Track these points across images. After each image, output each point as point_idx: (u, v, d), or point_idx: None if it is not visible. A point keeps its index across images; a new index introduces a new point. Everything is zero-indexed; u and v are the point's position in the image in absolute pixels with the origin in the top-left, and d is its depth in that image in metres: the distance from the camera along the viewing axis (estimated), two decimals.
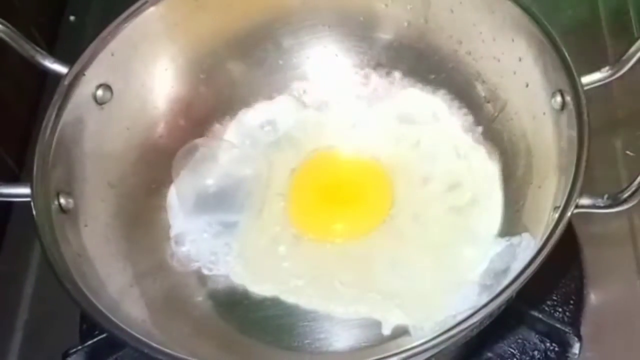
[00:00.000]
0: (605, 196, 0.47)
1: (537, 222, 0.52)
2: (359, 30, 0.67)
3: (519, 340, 0.58)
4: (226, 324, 0.58)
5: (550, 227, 0.47)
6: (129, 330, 0.47)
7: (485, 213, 0.59)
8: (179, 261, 0.60)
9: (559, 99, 0.53)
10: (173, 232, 0.62)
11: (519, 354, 0.57)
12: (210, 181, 0.63)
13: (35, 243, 0.64)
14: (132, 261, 0.58)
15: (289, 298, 0.58)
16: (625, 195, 0.47)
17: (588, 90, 0.51)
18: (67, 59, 0.58)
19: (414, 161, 0.63)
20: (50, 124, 0.55)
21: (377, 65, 0.67)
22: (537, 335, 0.58)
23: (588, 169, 0.47)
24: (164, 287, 0.58)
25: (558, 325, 0.56)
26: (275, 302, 0.59)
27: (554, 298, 0.59)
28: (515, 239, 0.55)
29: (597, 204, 0.47)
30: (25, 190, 0.53)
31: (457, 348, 0.49)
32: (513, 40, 0.58)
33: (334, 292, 0.58)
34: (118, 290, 0.54)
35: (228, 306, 0.59)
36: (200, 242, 0.61)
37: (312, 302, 0.58)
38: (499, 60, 0.60)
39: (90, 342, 0.59)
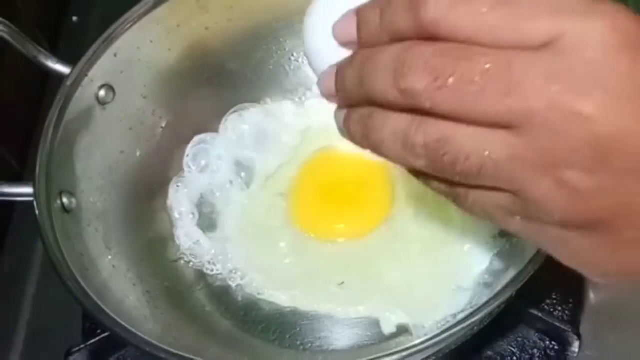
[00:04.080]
0: None
1: None
2: None
3: (519, 339, 0.58)
4: (228, 322, 0.58)
5: None
6: (131, 329, 0.48)
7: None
8: (182, 260, 0.61)
9: None
10: (175, 232, 0.62)
11: (518, 352, 0.58)
12: (214, 179, 0.64)
13: (38, 242, 0.65)
14: (135, 260, 0.58)
15: (288, 303, 0.59)
16: None
17: None
18: (70, 60, 0.58)
19: None
20: (53, 124, 0.55)
21: None
22: (536, 334, 0.58)
23: None
24: (166, 286, 0.58)
25: (557, 324, 0.57)
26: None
27: (554, 297, 0.59)
28: (515, 239, 0.55)
29: None
30: (28, 189, 0.53)
31: (458, 346, 0.49)
32: None
33: (332, 295, 0.58)
34: (121, 289, 0.54)
35: (230, 305, 0.59)
36: (203, 241, 0.61)
37: (311, 305, 0.58)
38: None
39: (92, 341, 0.59)
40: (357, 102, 0.35)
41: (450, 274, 0.57)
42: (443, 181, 0.34)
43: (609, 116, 0.29)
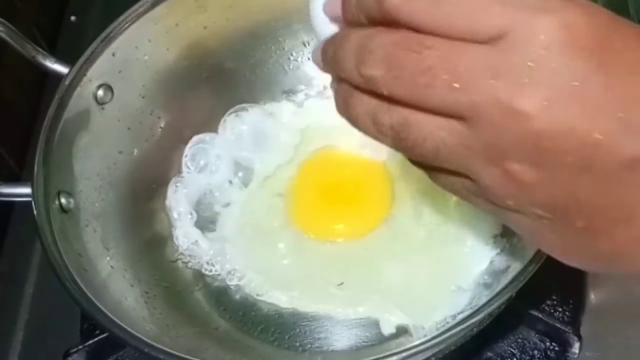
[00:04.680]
0: None
1: None
2: None
3: (519, 340, 0.58)
4: (227, 323, 0.58)
5: None
6: (129, 329, 0.48)
7: (486, 212, 0.59)
8: (180, 260, 0.61)
9: None
10: (174, 232, 0.62)
11: (519, 353, 0.58)
12: (212, 179, 0.64)
13: (36, 243, 0.65)
14: (133, 261, 0.58)
15: (287, 304, 0.58)
16: None
17: None
18: (68, 59, 0.58)
19: None
20: (51, 124, 0.55)
21: None
22: (537, 335, 0.58)
23: None
24: (164, 286, 0.58)
25: (558, 325, 0.56)
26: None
27: (554, 297, 0.59)
28: (515, 239, 0.55)
29: None
30: (26, 190, 0.53)
31: (457, 347, 0.49)
32: None
33: (331, 296, 0.58)
34: (119, 290, 0.54)
35: (228, 305, 0.59)
36: (201, 241, 0.61)
37: (310, 306, 0.58)
38: None
39: (91, 342, 0.59)
40: (339, 77, 0.36)
41: (450, 274, 0.57)
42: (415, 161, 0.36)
43: (548, 114, 0.30)
